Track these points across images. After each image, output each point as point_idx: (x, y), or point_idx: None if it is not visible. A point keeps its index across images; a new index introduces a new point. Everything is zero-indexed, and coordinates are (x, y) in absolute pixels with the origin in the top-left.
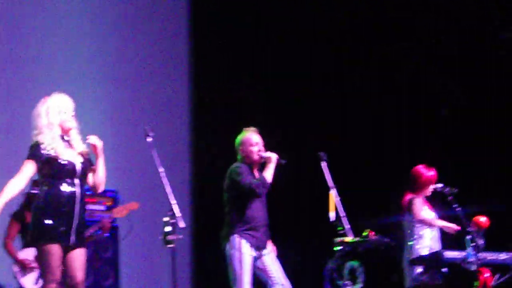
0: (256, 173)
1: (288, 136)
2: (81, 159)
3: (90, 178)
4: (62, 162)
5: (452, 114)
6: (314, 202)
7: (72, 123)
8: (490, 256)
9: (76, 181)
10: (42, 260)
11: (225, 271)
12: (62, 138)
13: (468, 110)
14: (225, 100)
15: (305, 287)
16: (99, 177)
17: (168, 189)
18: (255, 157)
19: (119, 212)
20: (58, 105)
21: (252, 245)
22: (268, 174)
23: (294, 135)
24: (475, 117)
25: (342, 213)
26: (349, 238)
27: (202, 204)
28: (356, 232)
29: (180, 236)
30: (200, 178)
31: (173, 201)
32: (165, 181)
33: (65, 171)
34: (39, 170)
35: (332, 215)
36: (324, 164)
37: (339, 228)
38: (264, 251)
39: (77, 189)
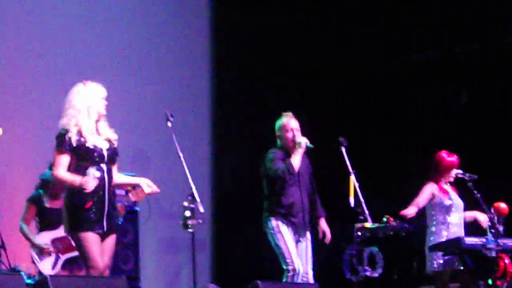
0: None
1: (309, 121)
2: (107, 145)
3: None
4: (90, 147)
5: (472, 101)
6: (334, 187)
7: (103, 111)
8: (510, 242)
9: (104, 166)
10: (81, 248)
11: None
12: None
13: (488, 96)
14: (246, 86)
15: (325, 272)
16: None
17: (188, 174)
18: (291, 143)
19: (136, 195)
20: (93, 92)
21: (293, 229)
22: (296, 160)
23: (315, 121)
24: (494, 104)
25: (361, 199)
26: (368, 224)
27: (222, 189)
28: (376, 218)
29: (200, 221)
30: (220, 164)
31: (193, 186)
32: (185, 165)
33: (93, 156)
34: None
35: (351, 200)
36: (344, 150)
37: (359, 214)
38: (302, 239)
39: (105, 175)
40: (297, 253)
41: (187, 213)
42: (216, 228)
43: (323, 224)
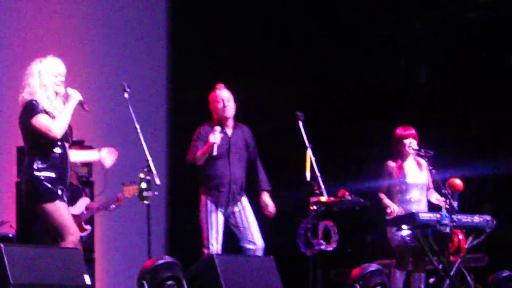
0: (229, 130)
1: (265, 95)
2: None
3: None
4: None
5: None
6: (290, 161)
7: (61, 88)
8: (464, 218)
9: (66, 144)
10: (53, 217)
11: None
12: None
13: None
14: (204, 57)
15: (279, 245)
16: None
17: (145, 145)
18: (221, 113)
19: (128, 192)
20: (52, 68)
21: (217, 203)
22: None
23: (271, 94)
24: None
25: (317, 173)
26: (324, 198)
27: (178, 161)
28: (331, 192)
29: (156, 193)
30: (176, 135)
31: (149, 158)
32: (141, 137)
33: None
34: (32, 130)
35: (308, 174)
36: (301, 123)
37: (314, 188)
38: (235, 208)
39: (67, 150)
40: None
41: (143, 185)
42: (172, 200)
43: (265, 198)
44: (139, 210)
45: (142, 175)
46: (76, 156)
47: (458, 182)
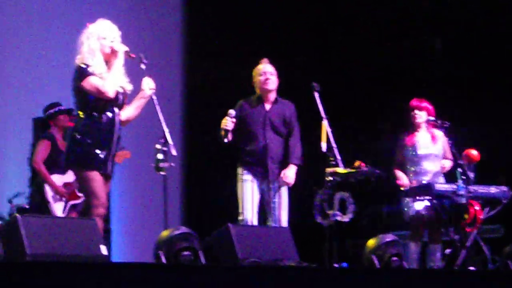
0: (268, 105)
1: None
2: (120, 89)
3: (123, 111)
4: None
5: (446, 49)
6: (306, 132)
7: (116, 47)
8: (480, 189)
9: (116, 109)
10: (86, 185)
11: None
12: (106, 64)
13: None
14: (220, 29)
15: (296, 216)
16: (132, 115)
17: (161, 116)
18: (262, 86)
19: (118, 157)
20: (98, 31)
21: (254, 176)
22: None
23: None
24: (468, 53)
25: (333, 144)
26: (340, 169)
27: (194, 133)
28: (348, 163)
29: (172, 164)
30: (193, 107)
31: (165, 129)
32: (158, 108)
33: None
34: (82, 92)
35: (323, 145)
36: (317, 95)
37: (330, 159)
38: (272, 185)
39: (116, 117)
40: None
41: (160, 156)
42: (188, 172)
43: (288, 169)
44: (155, 180)
45: (158, 146)
46: (129, 112)
47: (474, 152)
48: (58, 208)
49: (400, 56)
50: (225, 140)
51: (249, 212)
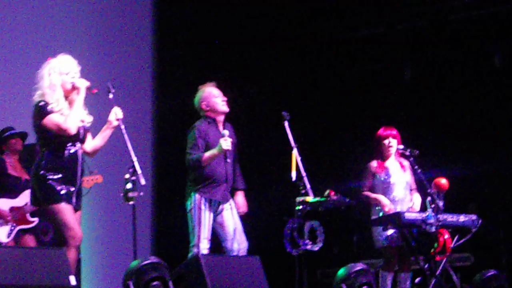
0: (220, 127)
1: (250, 96)
2: (81, 123)
3: (88, 142)
4: None
5: (415, 79)
6: (276, 161)
7: (77, 83)
8: (450, 218)
9: (78, 144)
10: (56, 218)
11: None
12: (66, 99)
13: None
14: (188, 57)
15: (266, 245)
16: (99, 145)
17: (130, 145)
18: (219, 108)
19: (85, 182)
20: (60, 67)
21: (211, 202)
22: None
23: (257, 95)
24: (436, 83)
25: (303, 173)
26: (310, 198)
27: (164, 161)
28: (317, 192)
29: (141, 193)
30: (162, 136)
31: (134, 158)
32: (126, 137)
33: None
34: (44, 130)
35: (293, 174)
36: (286, 123)
37: (300, 188)
38: (226, 206)
39: (78, 151)
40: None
41: (128, 186)
42: (158, 201)
43: (239, 197)
44: (124, 210)
45: (127, 176)
46: (96, 142)
47: (443, 181)
48: (1, 233)
49: (369, 85)
50: (228, 160)
51: (205, 246)
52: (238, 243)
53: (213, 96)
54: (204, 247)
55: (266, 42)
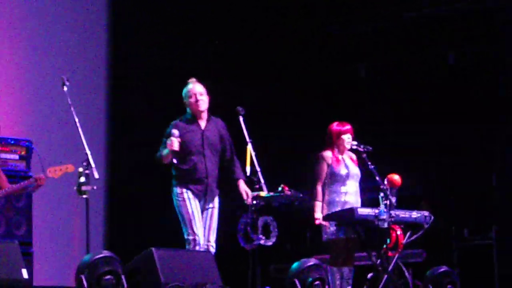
0: (203, 123)
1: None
2: None
3: None
4: None
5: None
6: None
7: None
8: (402, 214)
9: None
10: None
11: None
12: None
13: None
14: (144, 48)
15: (219, 240)
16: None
17: (84, 139)
18: (194, 107)
19: (53, 172)
20: None
21: (194, 195)
22: None
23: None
24: (392, 78)
25: (258, 168)
26: (263, 193)
27: (117, 155)
28: (271, 187)
29: (95, 187)
30: (116, 129)
31: (88, 151)
32: (80, 131)
33: None
34: None
35: (248, 169)
36: (241, 118)
37: (254, 183)
38: (209, 205)
39: None
40: (201, 221)
41: (82, 179)
42: (111, 195)
43: (242, 186)
44: (78, 204)
45: (81, 169)
46: None
47: (396, 177)
48: None
49: (325, 80)
50: (174, 161)
51: (200, 231)
52: (210, 245)
53: (188, 95)
54: (201, 235)
55: (222, 38)
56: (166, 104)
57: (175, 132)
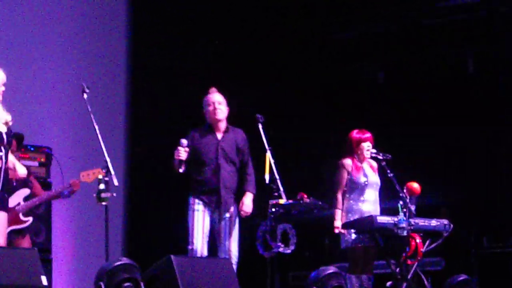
0: (219, 134)
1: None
2: (5, 129)
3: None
4: None
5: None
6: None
7: None
8: (421, 222)
9: (2, 149)
10: None
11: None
12: None
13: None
14: (164, 58)
15: (238, 247)
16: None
17: (103, 146)
18: (212, 116)
19: (86, 176)
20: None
21: (205, 206)
22: None
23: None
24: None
25: (276, 176)
26: (282, 200)
27: (137, 162)
28: (290, 195)
29: (114, 194)
30: (135, 136)
31: (107, 159)
32: (100, 138)
33: None
34: None
35: (267, 177)
36: (260, 126)
37: (273, 190)
38: (226, 214)
39: (3, 158)
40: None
41: (101, 186)
42: (130, 202)
43: (245, 198)
44: (97, 211)
45: (100, 176)
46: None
47: (416, 185)
48: None
49: (343, 87)
50: (180, 170)
51: (199, 242)
52: (230, 255)
53: (205, 104)
54: (198, 247)
55: (241, 44)
56: (186, 112)
57: (184, 142)
